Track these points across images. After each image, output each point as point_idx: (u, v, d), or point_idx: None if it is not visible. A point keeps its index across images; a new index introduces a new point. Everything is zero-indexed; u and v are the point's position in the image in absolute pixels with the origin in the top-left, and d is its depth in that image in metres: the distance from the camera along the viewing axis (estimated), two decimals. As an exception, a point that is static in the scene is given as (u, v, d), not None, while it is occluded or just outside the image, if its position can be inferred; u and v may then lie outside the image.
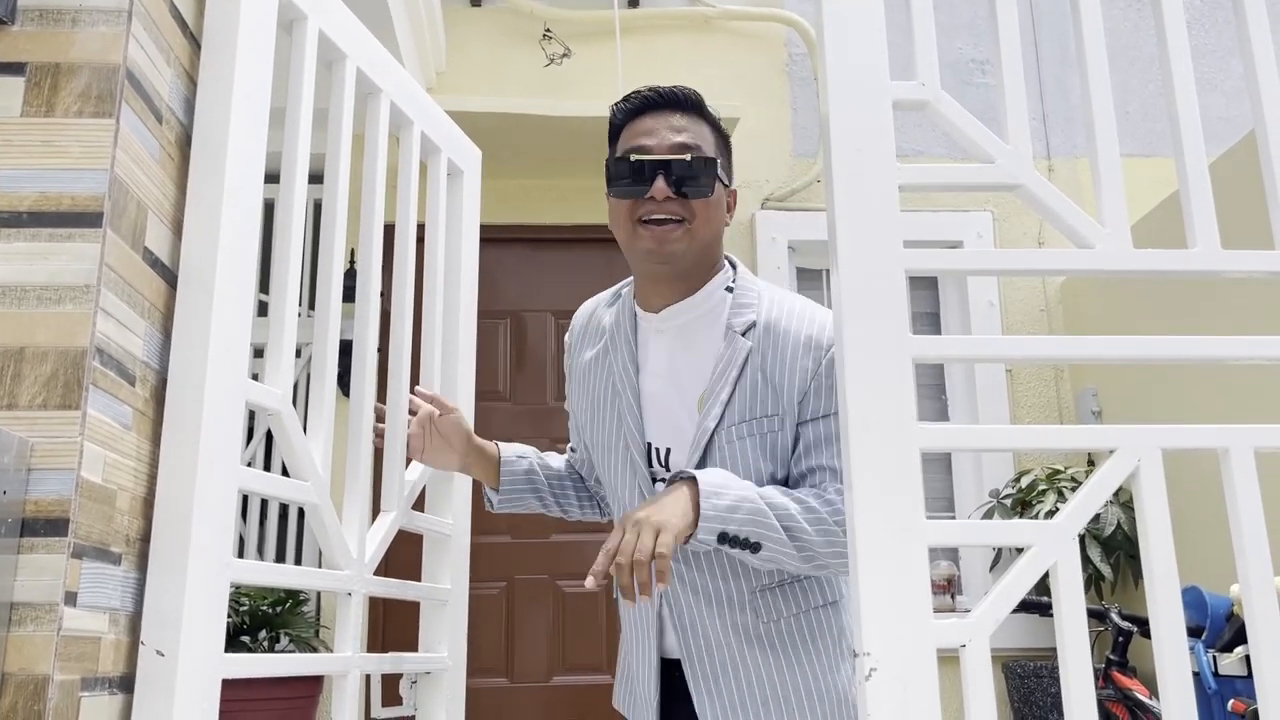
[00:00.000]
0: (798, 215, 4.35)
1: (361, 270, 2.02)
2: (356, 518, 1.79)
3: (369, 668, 1.79)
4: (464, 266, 2.31)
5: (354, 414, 2.09)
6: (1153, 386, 3.62)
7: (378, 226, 1.95)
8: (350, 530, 1.77)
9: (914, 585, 1.37)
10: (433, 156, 2.24)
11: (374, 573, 1.83)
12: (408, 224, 2.08)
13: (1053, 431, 1.54)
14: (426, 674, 2.05)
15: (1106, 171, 1.55)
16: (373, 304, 2.13)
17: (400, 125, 2.10)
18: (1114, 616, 3.00)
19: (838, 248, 1.48)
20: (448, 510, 2.18)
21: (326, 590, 1.68)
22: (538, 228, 4.34)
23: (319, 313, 1.77)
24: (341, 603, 1.75)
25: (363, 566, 1.78)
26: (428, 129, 2.18)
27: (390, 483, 1.94)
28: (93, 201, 1.32)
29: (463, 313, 2.28)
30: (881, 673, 1.34)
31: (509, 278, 4.38)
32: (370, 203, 1.93)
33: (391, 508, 1.93)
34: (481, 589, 4.04)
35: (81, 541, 1.25)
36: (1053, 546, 1.38)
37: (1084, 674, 1.35)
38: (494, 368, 4.27)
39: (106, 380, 1.31)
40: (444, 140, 2.26)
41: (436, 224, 2.22)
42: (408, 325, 2.03)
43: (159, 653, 1.35)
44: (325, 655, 1.78)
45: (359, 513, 1.79)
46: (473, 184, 2.38)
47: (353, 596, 1.74)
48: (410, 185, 2.11)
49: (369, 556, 1.81)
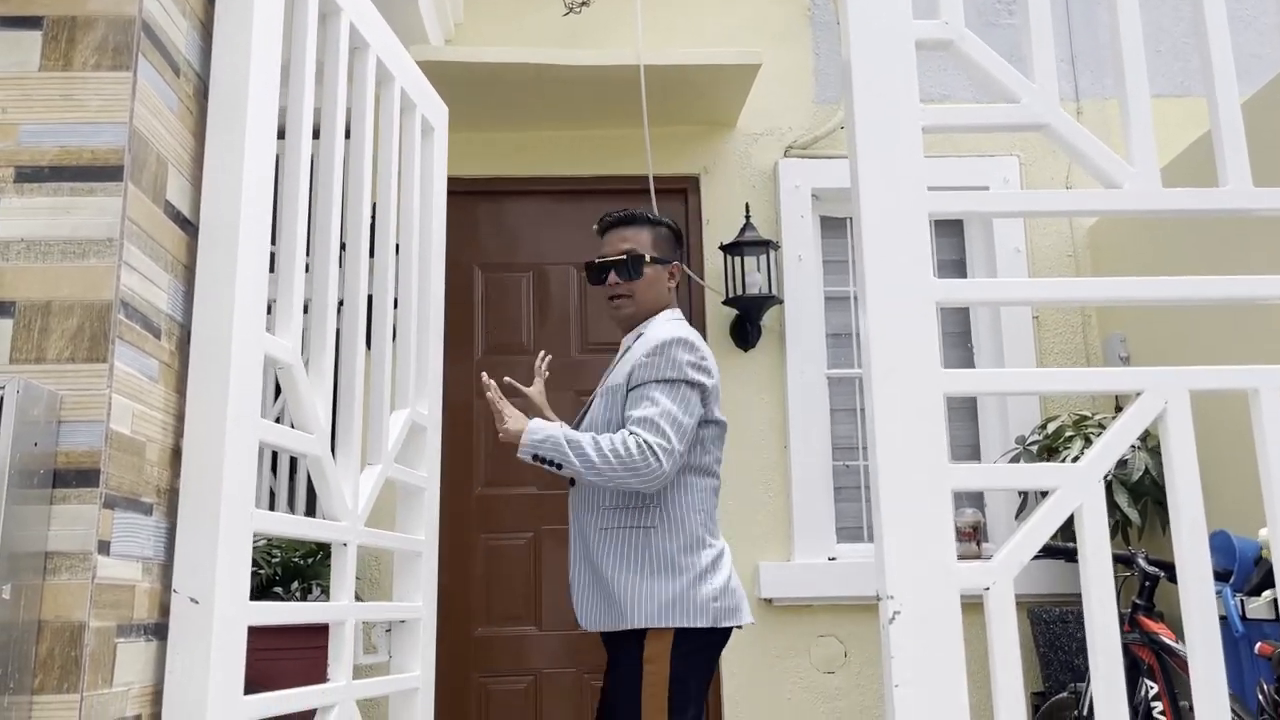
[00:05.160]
0: (821, 163, 4.30)
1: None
2: (351, 470, 1.81)
3: (365, 616, 1.83)
4: (434, 221, 2.31)
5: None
6: (1182, 332, 3.58)
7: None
8: (346, 482, 1.79)
9: (938, 529, 1.37)
10: (408, 113, 2.23)
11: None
12: (391, 178, 2.07)
13: (1077, 375, 1.53)
14: (401, 623, 2.09)
15: (1135, 109, 1.52)
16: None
17: (383, 80, 2.09)
18: (1140, 561, 3.00)
19: (860, 191, 1.46)
20: (420, 463, 2.20)
21: (327, 540, 1.70)
22: (558, 179, 4.32)
23: (317, 267, 1.77)
24: (337, 553, 1.78)
25: (356, 518, 1.81)
26: (407, 85, 2.17)
27: (378, 435, 1.95)
28: (113, 155, 1.32)
29: (433, 263, 2.29)
30: (905, 616, 1.34)
31: (530, 230, 4.37)
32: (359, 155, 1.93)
33: (378, 460, 1.95)
34: (509, 539, 4.09)
35: (113, 492, 1.27)
36: (1077, 490, 1.38)
37: (1109, 618, 1.35)
38: (517, 321, 4.27)
39: (132, 333, 1.33)
40: (419, 97, 2.25)
41: (412, 179, 2.21)
42: (390, 274, 2.05)
43: (193, 600, 1.38)
44: (327, 604, 1.81)
45: (353, 465, 1.81)
46: (442, 140, 2.38)
47: (348, 546, 1.77)
48: (393, 140, 2.10)
49: (361, 507, 1.83)
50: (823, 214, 4.38)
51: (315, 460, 1.71)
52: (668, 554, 2.22)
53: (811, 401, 4.09)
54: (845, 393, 4.27)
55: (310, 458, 1.70)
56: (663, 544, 2.23)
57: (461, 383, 4.15)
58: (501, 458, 4.15)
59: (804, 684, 3.91)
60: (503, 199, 4.36)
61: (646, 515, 2.26)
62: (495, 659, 4.01)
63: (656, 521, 2.26)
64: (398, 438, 2.04)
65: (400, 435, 2.06)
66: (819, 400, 4.13)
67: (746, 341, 4.15)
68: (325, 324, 1.76)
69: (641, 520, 2.26)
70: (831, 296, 4.33)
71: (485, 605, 4.05)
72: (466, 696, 3.97)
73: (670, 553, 2.22)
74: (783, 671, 3.91)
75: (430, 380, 2.25)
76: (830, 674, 3.93)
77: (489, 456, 4.14)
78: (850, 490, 4.19)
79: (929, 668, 1.30)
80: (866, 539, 4.13)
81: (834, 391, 4.25)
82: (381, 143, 2.09)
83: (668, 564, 2.22)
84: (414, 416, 2.15)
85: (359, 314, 1.88)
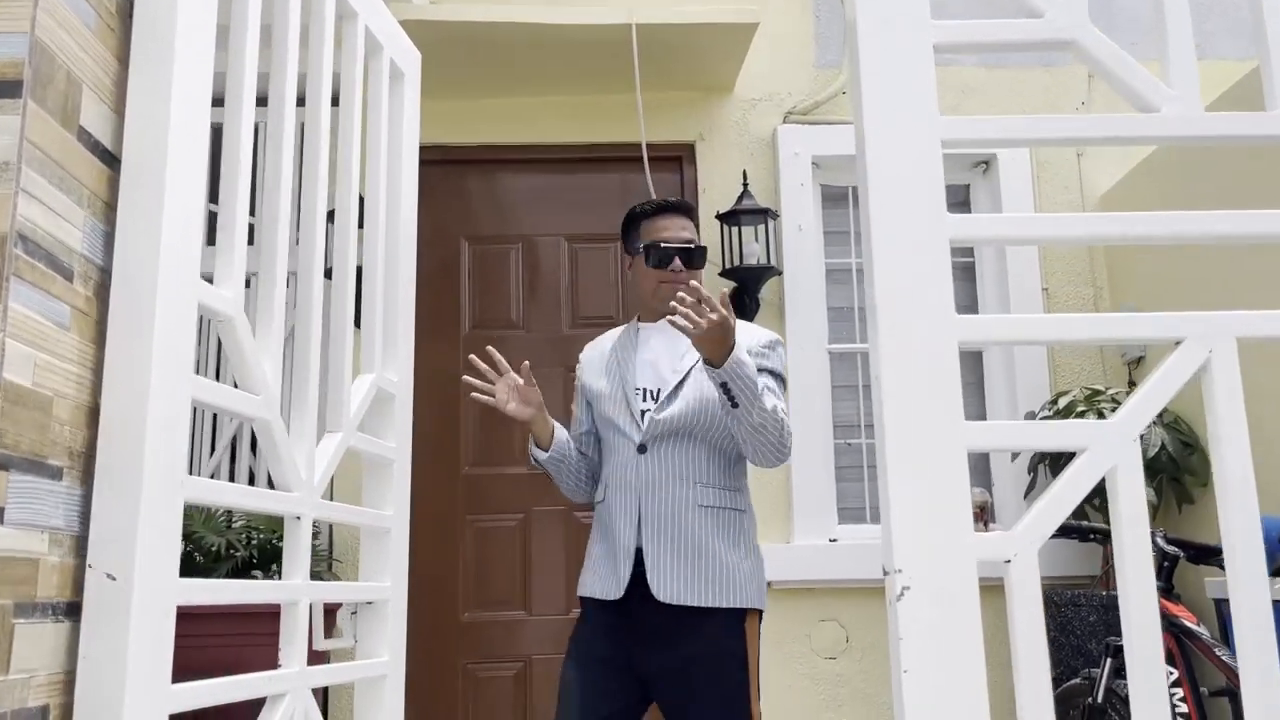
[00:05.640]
0: (822, 129, 4.13)
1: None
2: (305, 438, 1.65)
3: (318, 596, 1.67)
4: (405, 175, 2.13)
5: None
6: (1201, 300, 3.42)
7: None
8: (299, 450, 1.63)
9: (952, 494, 1.21)
10: (375, 55, 2.05)
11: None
12: (353, 123, 1.90)
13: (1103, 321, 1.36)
14: (368, 604, 1.93)
15: (1174, 26, 1.35)
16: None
17: (345, 17, 1.91)
18: (1159, 541, 2.84)
19: (864, 116, 1.29)
20: (388, 434, 2.03)
21: (276, 513, 1.54)
22: (548, 147, 4.15)
23: (265, 219, 1.61)
24: (290, 527, 1.62)
25: (311, 489, 1.65)
26: (372, 24, 1.99)
27: (337, 402, 1.79)
28: (9, 68, 1.16)
29: (403, 220, 2.11)
30: (915, 592, 1.19)
31: (519, 201, 4.20)
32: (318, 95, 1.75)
33: (338, 428, 1.78)
34: (497, 521, 3.94)
35: (8, 451, 1.11)
36: (1111, 449, 1.21)
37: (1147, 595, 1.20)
38: (506, 296, 4.10)
39: (34, 272, 1.16)
40: (388, 39, 2.08)
41: (379, 128, 2.04)
42: (352, 228, 1.88)
43: (109, 575, 1.22)
44: (275, 583, 1.64)
45: (308, 432, 1.65)
46: (413, 88, 2.19)
47: (301, 520, 1.61)
48: (355, 83, 1.92)
49: (317, 478, 1.67)
50: (824, 183, 4.21)
51: (263, 425, 1.55)
52: (754, 538, 2.38)
53: (812, 378, 3.93)
54: (847, 369, 4.11)
55: (257, 422, 1.54)
56: (750, 529, 2.39)
57: (447, 358, 3.99)
58: (489, 436, 4.00)
59: (804, 670, 3.76)
60: (490, 168, 4.19)
61: (740, 498, 2.40)
62: (483, 645, 3.86)
63: (745, 506, 2.41)
64: (361, 404, 1.88)
65: (364, 402, 1.90)
66: (819, 377, 3.96)
67: (744, 315, 3.98)
68: (275, 275, 1.60)
69: (737, 503, 2.37)
70: (833, 269, 4.16)
71: (473, 589, 3.89)
72: (453, 684, 3.82)
73: (754, 537, 2.39)
74: (782, 657, 3.76)
75: (400, 345, 2.09)
76: (832, 660, 3.77)
77: (476, 435, 3.98)
78: (852, 470, 4.03)
79: (942, 651, 1.15)
80: (869, 520, 3.98)
81: (835, 367, 4.08)
82: (344, 86, 1.92)
83: (756, 548, 2.37)
84: (380, 383, 1.99)
85: (315, 265, 1.72)
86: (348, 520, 1.82)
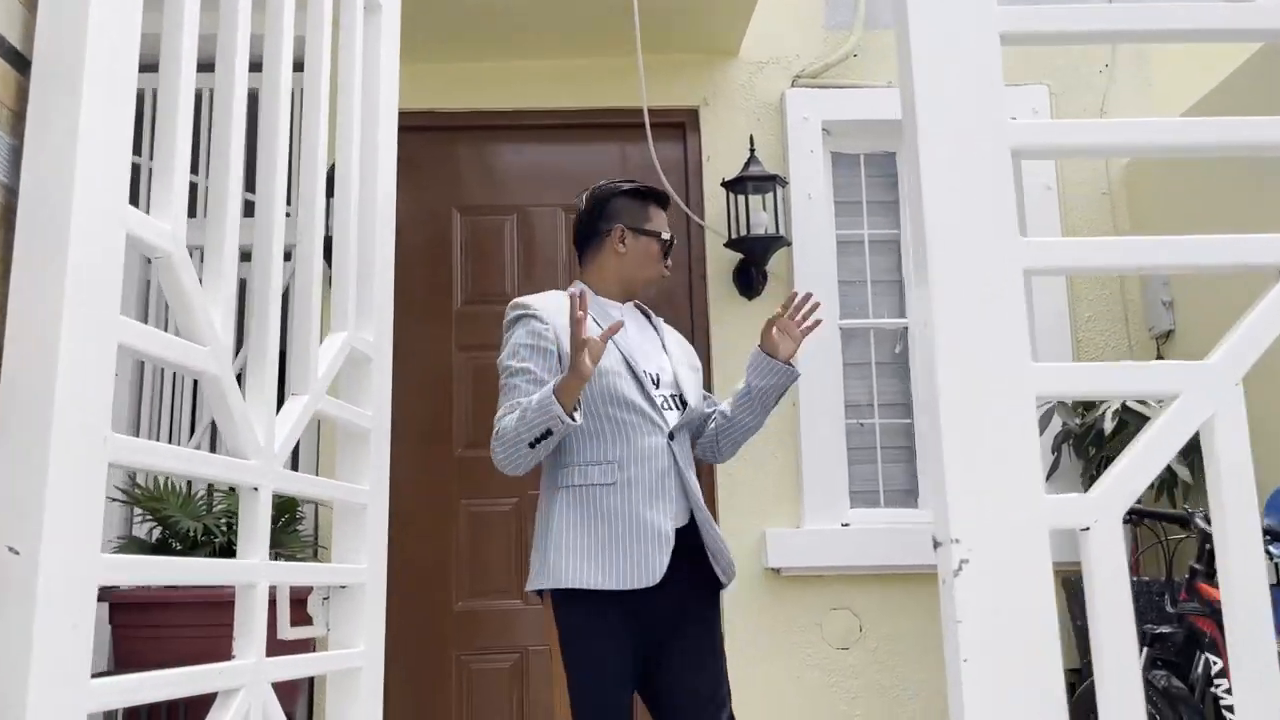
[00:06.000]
0: (832, 93, 3.92)
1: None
2: (264, 399, 1.45)
3: (280, 578, 1.46)
4: (382, 117, 1.92)
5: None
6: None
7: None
8: (257, 414, 1.43)
9: (1020, 450, 1.02)
10: None
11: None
12: (320, 59, 1.69)
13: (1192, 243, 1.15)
14: (342, 588, 1.73)
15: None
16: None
17: None
18: (1199, 521, 2.64)
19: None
20: (366, 400, 1.82)
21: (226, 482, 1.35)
22: (544, 113, 3.94)
23: (216, 140, 1.41)
24: (246, 499, 1.41)
25: (271, 457, 1.44)
26: None
27: (303, 360, 1.59)
28: (-121, -66, 0.95)
29: (380, 167, 1.90)
30: (975, 566, 0.99)
31: (513, 169, 3.99)
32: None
33: (304, 390, 1.58)
34: (493, 505, 3.74)
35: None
36: (1209, 395, 1.02)
37: (1254, 573, 1.00)
38: (500, 268, 3.90)
39: (-88, 183, 0.96)
40: None
41: (352, 68, 1.83)
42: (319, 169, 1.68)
43: (11, 549, 1.02)
44: (228, 562, 1.44)
45: (267, 393, 1.45)
46: (392, 22, 1.97)
47: (259, 492, 1.41)
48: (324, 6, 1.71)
49: (278, 445, 1.47)
50: (834, 150, 4.00)
51: (212, 382, 1.35)
52: None
53: (822, 355, 3.72)
54: (859, 345, 3.91)
55: (204, 378, 1.34)
56: None
57: (439, 336, 3.80)
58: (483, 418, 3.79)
59: (815, 661, 3.57)
60: (483, 135, 3.98)
61: None
62: (477, 635, 3.66)
63: None
64: (331, 365, 1.68)
65: (335, 363, 1.70)
66: (830, 353, 3.76)
67: (751, 289, 3.78)
68: (225, 207, 1.39)
69: None
70: (844, 240, 3.96)
71: (467, 577, 3.70)
72: (445, 675, 3.63)
73: None
74: (792, 648, 3.57)
75: (377, 302, 1.88)
76: (844, 650, 3.58)
77: (470, 416, 3.78)
78: (864, 451, 3.83)
79: (1009, 635, 0.95)
80: (882, 504, 3.78)
81: (847, 344, 3.88)
82: (310, 7, 1.71)
83: None
84: (355, 343, 1.78)
85: (274, 198, 1.51)
86: (316, 495, 1.63)
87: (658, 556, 2.20)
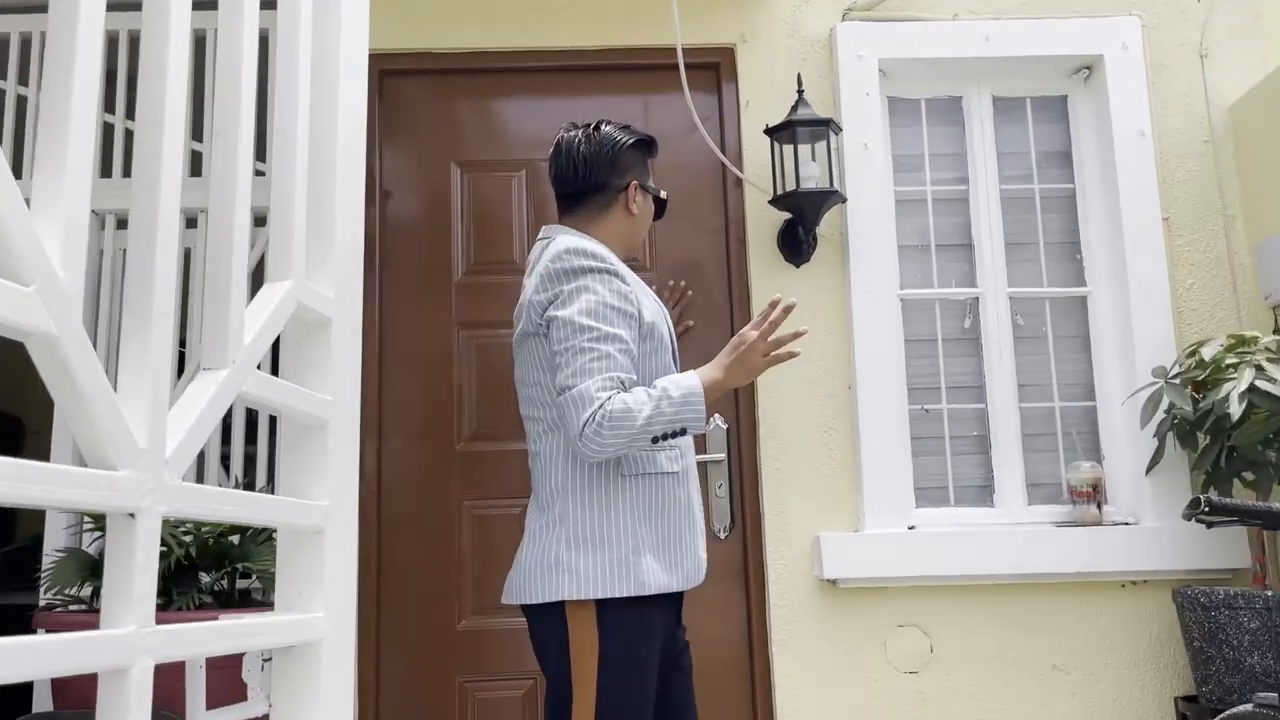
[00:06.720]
0: (891, 27, 3.38)
1: None
2: (148, 378, 0.92)
3: (177, 650, 0.94)
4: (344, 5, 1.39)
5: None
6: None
7: None
8: (133, 399, 0.91)
9: None
10: None
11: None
12: None
13: None
14: (289, 649, 1.21)
15: None
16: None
17: None
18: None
19: None
20: (320, 381, 1.29)
21: (76, 507, 0.83)
22: (558, 52, 3.41)
23: None
24: (116, 529, 0.89)
25: (159, 465, 0.92)
26: None
27: (219, 322, 1.07)
28: None
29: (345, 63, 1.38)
30: None
31: (523, 119, 3.45)
32: None
33: (219, 364, 1.06)
34: (500, 507, 3.22)
35: None
36: None
37: None
38: (508, 233, 3.37)
39: None
40: None
41: None
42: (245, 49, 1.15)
43: None
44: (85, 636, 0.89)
45: (152, 369, 0.93)
46: None
47: (137, 519, 0.89)
48: None
49: (173, 448, 0.94)
50: (891, 94, 3.47)
51: (43, 345, 0.83)
52: None
53: (881, 330, 3.20)
54: (924, 320, 3.37)
55: (32, 340, 0.82)
56: None
57: (439, 315, 3.27)
58: (489, 406, 3.28)
59: (880, 687, 3.05)
60: (488, 79, 3.45)
61: None
62: (483, 658, 3.15)
63: None
64: (266, 328, 1.16)
65: (272, 324, 1.17)
66: (891, 328, 3.24)
67: (799, 254, 3.25)
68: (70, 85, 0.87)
69: None
70: (904, 198, 3.42)
71: (471, 590, 3.19)
72: (447, 704, 3.12)
73: None
74: (851, 670, 3.05)
75: (341, 242, 1.35)
76: (913, 674, 3.06)
77: (474, 404, 3.26)
78: (932, 441, 3.30)
79: None
80: (953, 503, 3.26)
81: (909, 317, 3.35)
82: None
83: None
84: (304, 297, 1.26)
85: (165, 78, 0.99)
86: (242, 517, 1.10)
87: (702, 550, 2.14)
